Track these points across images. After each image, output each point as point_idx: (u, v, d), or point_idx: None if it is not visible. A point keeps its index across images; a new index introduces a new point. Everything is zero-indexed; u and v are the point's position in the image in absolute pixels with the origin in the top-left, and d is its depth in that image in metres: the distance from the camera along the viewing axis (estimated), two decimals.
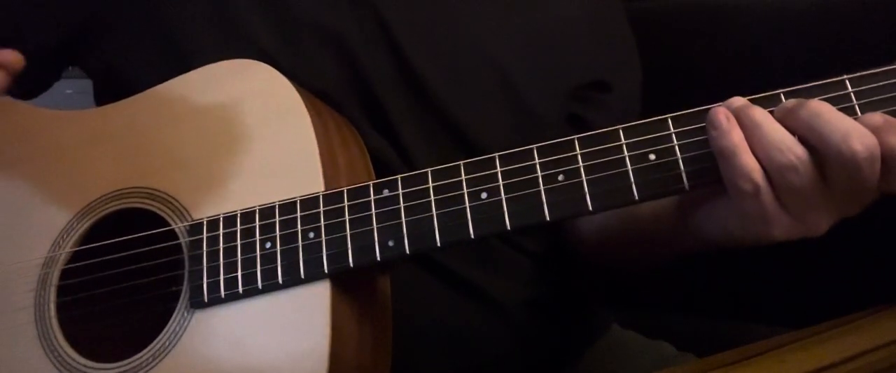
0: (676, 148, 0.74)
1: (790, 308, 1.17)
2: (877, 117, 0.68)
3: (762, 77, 0.74)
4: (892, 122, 0.68)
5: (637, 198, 0.74)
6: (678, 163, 0.74)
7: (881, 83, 0.69)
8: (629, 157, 0.75)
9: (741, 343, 0.84)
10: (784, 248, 0.76)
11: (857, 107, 0.70)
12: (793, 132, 0.70)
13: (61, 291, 0.91)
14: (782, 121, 0.71)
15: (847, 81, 0.70)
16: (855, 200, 0.72)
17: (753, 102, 0.73)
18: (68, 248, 0.91)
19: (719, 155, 0.72)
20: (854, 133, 0.67)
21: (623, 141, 0.75)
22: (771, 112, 0.72)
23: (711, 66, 0.73)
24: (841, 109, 0.69)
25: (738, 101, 0.73)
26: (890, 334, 0.81)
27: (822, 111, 0.69)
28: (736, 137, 0.71)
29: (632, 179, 0.74)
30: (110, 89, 0.99)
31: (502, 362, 1.00)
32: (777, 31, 1.16)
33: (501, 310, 0.99)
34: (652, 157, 0.74)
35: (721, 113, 0.72)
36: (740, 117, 0.71)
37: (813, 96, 0.71)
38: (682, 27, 1.29)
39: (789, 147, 0.70)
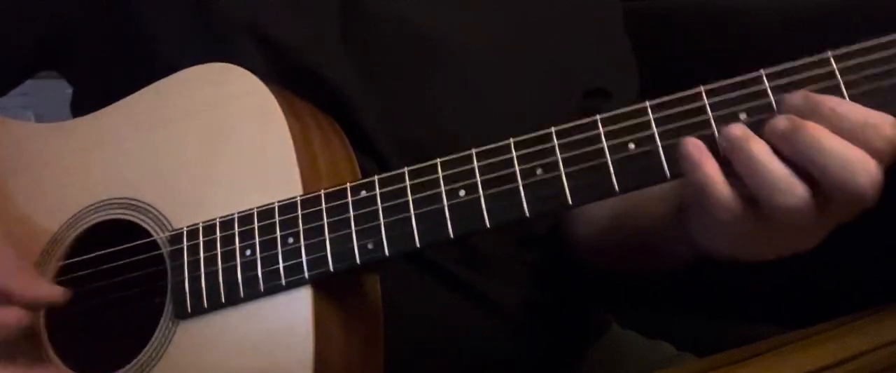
0: (656, 136, 0.68)
1: (790, 308, 1.14)
2: (859, 114, 0.62)
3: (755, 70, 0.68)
4: (874, 120, 0.62)
5: (618, 189, 0.69)
6: (658, 152, 0.67)
7: (865, 58, 0.63)
8: (608, 147, 0.69)
9: (741, 343, 0.81)
10: None
11: (841, 83, 0.64)
12: (789, 158, 0.63)
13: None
14: (776, 145, 0.64)
15: (831, 58, 0.64)
16: (852, 215, 0.66)
17: (737, 84, 0.66)
18: (55, 261, 0.87)
19: (694, 187, 0.66)
20: (858, 165, 0.61)
21: (601, 130, 0.69)
22: (761, 133, 0.64)
23: (711, 67, 0.68)
24: (827, 87, 0.64)
25: (737, 130, 0.65)
26: (890, 334, 0.78)
27: (820, 141, 0.62)
28: (708, 169, 0.65)
29: (611, 170, 0.68)
30: (90, 95, 0.96)
31: (502, 363, 0.95)
32: (778, 31, 1.13)
33: (500, 311, 0.95)
34: (631, 146, 0.68)
35: (690, 144, 0.65)
36: (736, 149, 0.65)
37: (797, 75, 0.65)
38: (682, 27, 1.26)
39: (790, 188, 0.63)
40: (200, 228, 0.80)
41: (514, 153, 0.71)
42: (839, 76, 0.63)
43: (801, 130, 0.62)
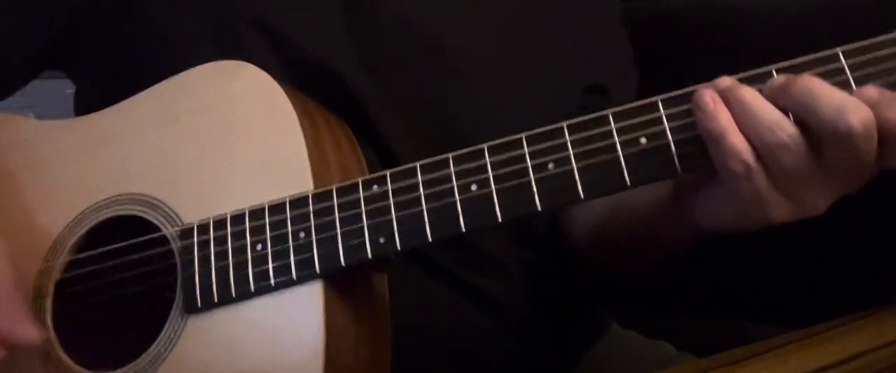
0: (667, 131, 0.69)
1: (790, 308, 1.14)
2: (872, 91, 0.64)
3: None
4: (888, 95, 0.64)
5: (629, 183, 0.70)
6: (670, 146, 0.69)
7: (875, 55, 0.65)
8: (620, 142, 0.70)
9: (741, 343, 0.81)
10: (784, 247, 0.71)
11: (851, 80, 0.65)
12: (784, 110, 0.66)
13: (57, 301, 0.87)
14: (773, 99, 0.66)
15: (840, 54, 0.65)
16: (853, 176, 0.67)
17: (743, 80, 0.68)
18: (62, 258, 0.87)
19: (707, 138, 0.67)
20: (849, 107, 0.63)
21: (613, 125, 0.70)
22: (760, 90, 0.67)
23: (711, 66, 0.69)
24: (835, 83, 0.65)
25: (726, 81, 0.68)
26: (890, 334, 0.78)
27: (814, 87, 0.64)
28: (723, 119, 0.66)
29: (623, 165, 0.70)
30: (95, 94, 0.96)
31: (502, 363, 0.96)
32: (777, 31, 1.14)
33: (501, 312, 0.95)
34: (643, 140, 0.69)
35: (707, 95, 0.67)
36: (728, 98, 0.67)
37: (805, 71, 0.66)
38: (681, 27, 1.26)
39: (780, 126, 0.65)
40: (211, 223, 0.80)
41: (526, 148, 0.72)
42: (848, 72, 0.65)
43: (796, 79, 0.65)
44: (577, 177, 0.70)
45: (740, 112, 0.66)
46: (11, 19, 0.98)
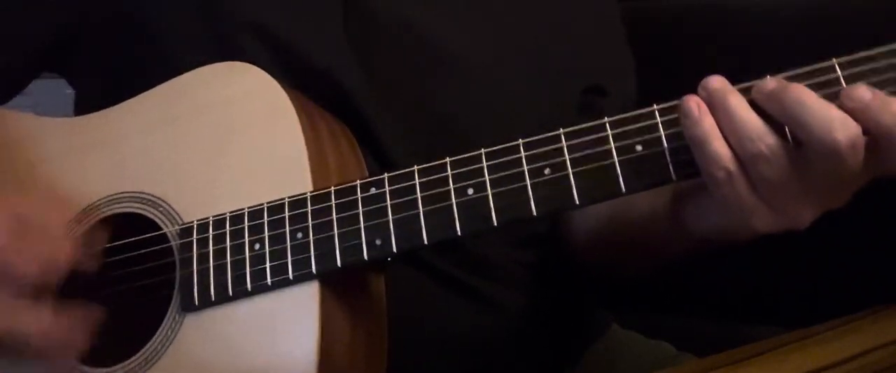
0: (663, 138, 0.70)
1: (790, 308, 1.15)
2: (864, 92, 0.64)
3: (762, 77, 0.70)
4: (882, 99, 0.64)
5: (624, 190, 0.70)
6: (665, 153, 0.70)
7: (871, 66, 0.65)
8: (616, 148, 0.71)
9: (741, 343, 0.81)
10: (783, 248, 0.72)
11: None
12: (772, 117, 0.66)
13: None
14: (762, 104, 0.67)
15: (836, 65, 0.66)
16: (838, 189, 0.68)
17: (744, 89, 0.68)
18: None
19: (692, 143, 0.68)
20: (837, 123, 0.63)
21: (609, 132, 0.71)
22: (751, 90, 0.67)
23: (711, 67, 0.70)
24: (830, 94, 0.65)
25: (717, 82, 0.68)
26: (890, 334, 0.78)
27: (804, 98, 0.65)
28: (706, 125, 0.67)
29: (619, 171, 0.70)
30: (94, 97, 0.96)
31: (502, 363, 0.97)
32: (778, 31, 1.14)
33: (500, 312, 0.96)
34: (638, 148, 0.70)
35: (692, 101, 0.68)
36: (714, 103, 0.68)
37: (805, 80, 0.66)
38: (681, 27, 1.27)
39: (760, 136, 0.66)
40: (210, 222, 0.81)
41: (522, 153, 0.73)
42: (844, 83, 0.65)
43: (787, 87, 0.65)
44: (572, 183, 0.71)
45: (724, 119, 0.67)
46: (12, 20, 0.99)
